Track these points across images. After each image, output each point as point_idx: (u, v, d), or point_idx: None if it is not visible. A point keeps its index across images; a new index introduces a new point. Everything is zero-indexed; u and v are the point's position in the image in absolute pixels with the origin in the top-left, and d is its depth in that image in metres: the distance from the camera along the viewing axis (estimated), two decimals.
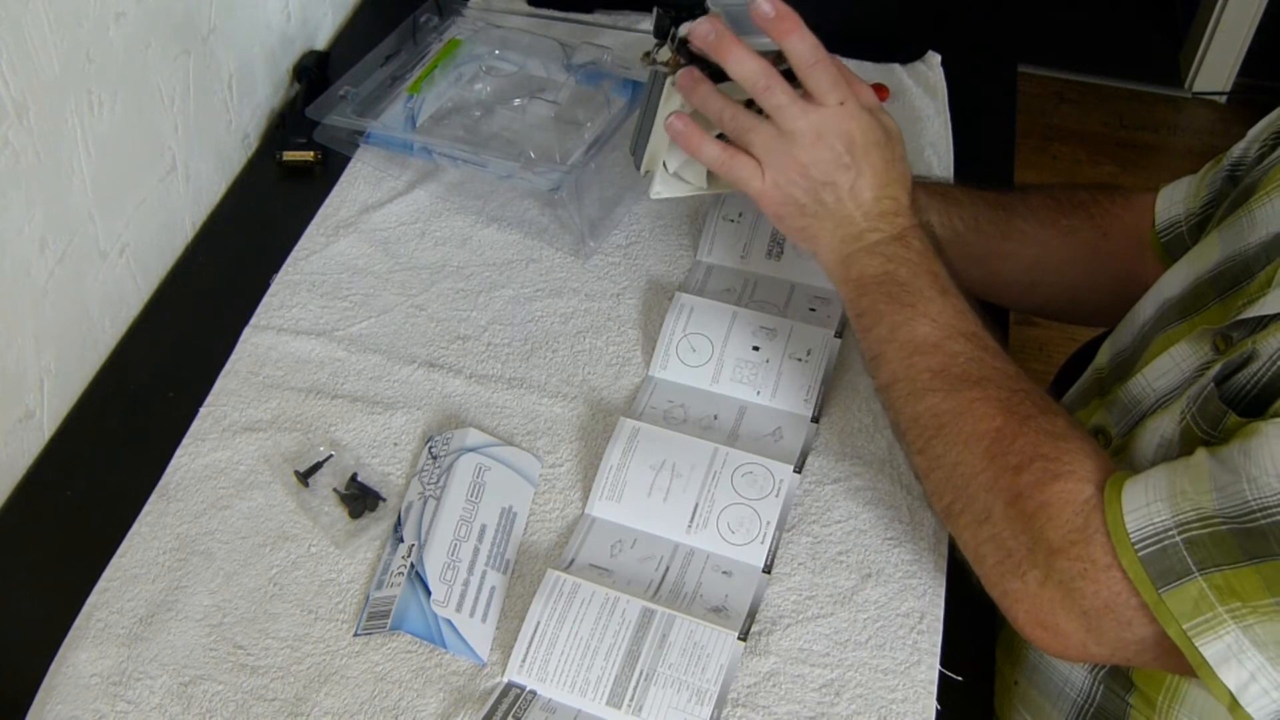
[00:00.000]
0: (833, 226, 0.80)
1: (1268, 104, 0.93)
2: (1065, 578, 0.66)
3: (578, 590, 0.78)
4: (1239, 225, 0.78)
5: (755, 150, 0.79)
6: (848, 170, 0.78)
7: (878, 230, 0.79)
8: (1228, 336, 0.73)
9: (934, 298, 0.77)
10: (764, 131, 0.78)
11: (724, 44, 0.76)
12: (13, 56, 0.80)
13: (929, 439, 0.74)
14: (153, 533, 0.84)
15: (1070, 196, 0.97)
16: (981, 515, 0.71)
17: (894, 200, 0.79)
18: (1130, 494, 0.66)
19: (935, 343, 0.75)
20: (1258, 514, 0.60)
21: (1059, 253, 0.96)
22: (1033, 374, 0.75)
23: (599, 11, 1.28)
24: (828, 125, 0.77)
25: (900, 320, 0.77)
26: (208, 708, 0.75)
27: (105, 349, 0.98)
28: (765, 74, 0.76)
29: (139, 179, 0.99)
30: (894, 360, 0.77)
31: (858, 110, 0.78)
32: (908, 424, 0.76)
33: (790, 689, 0.76)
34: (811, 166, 0.78)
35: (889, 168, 0.79)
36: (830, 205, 0.79)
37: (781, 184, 0.79)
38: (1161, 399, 0.78)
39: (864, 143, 0.78)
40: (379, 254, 1.04)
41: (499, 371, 0.95)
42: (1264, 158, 0.84)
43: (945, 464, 0.73)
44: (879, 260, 0.78)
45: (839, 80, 0.77)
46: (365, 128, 1.07)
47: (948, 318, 0.76)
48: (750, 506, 0.84)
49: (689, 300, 0.97)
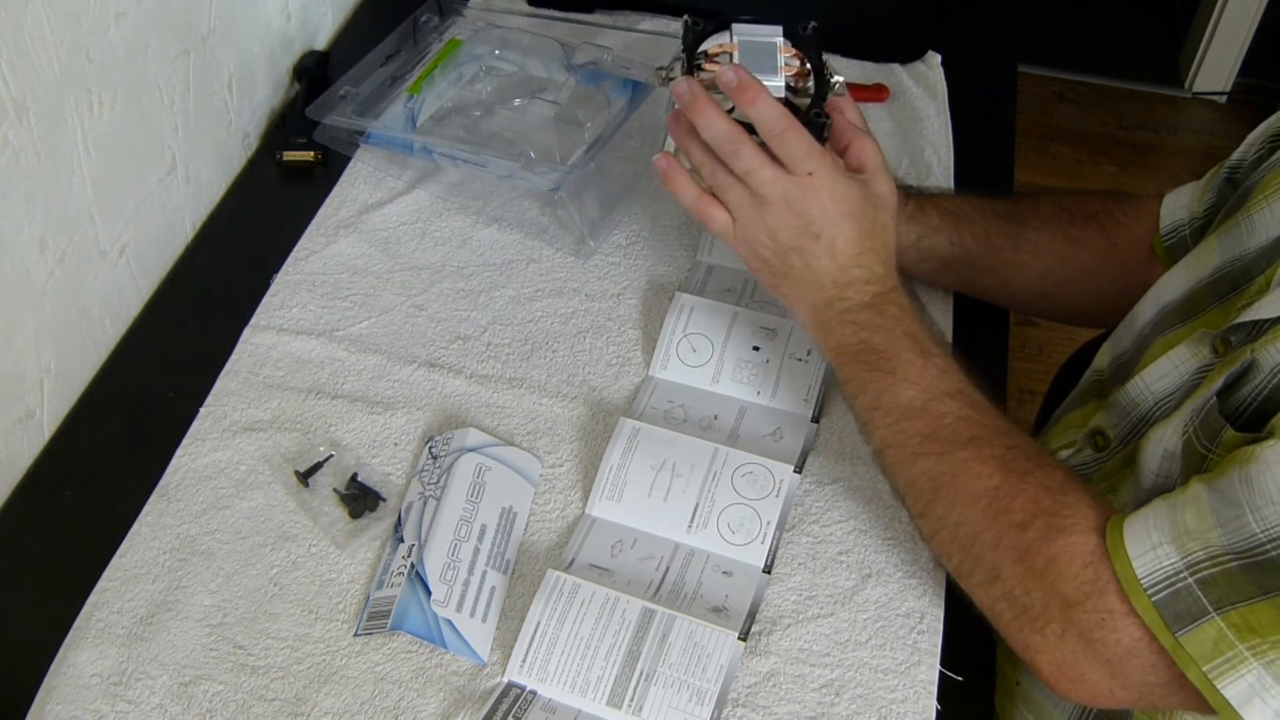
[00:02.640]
0: (803, 291, 0.80)
1: (1268, 104, 0.93)
2: (1084, 629, 0.66)
3: (578, 590, 0.78)
4: (1237, 229, 0.78)
5: (728, 206, 0.79)
6: (815, 240, 0.77)
7: (847, 298, 0.78)
8: (1227, 340, 0.73)
9: (913, 360, 0.76)
10: (736, 191, 0.78)
11: (696, 105, 0.77)
12: (13, 56, 0.80)
13: (928, 502, 0.74)
14: (153, 533, 0.84)
15: (1081, 206, 0.97)
16: (991, 574, 0.70)
17: (865, 269, 0.78)
18: (1133, 536, 0.65)
19: (921, 406, 0.75)
20: (1267, 545, 0.60)
21: (1069, 263, 0.96)
22: (1032, 373, 0.76)
23: (599, 11, 1.28)
24: (794, 194, 0.77)
25: (883, 388, 0.76)
26: (208, 708, 0.75)
27: (105, 349, 0.98)
28: (732, 138, 0.76)
29: (139, 179, 0.99)
30: (882, 427, 0.77)
31: (831, 179, 0.77)
32: (905, 488, 0.76)
33: (790, 689, 0.76)
34: (779, 231, 0.78)
35: (862, 237, 0.78)
36: (798, 270, 0.79)
37: (751, 243, 0.79)
38: (1160, 401, 0.78)
39: (835, 212, 0.77)
40: (379, 254, 1.04)
41: (499, 371, 0.95)
42: (1261, 161, 0.84)
43: (948, 525, 0.73)
44: (851, 329, 0.78)
45: (810, 149, 0.76)
46: (365, 128, 1.07)
47: (930, 379, 0.75)
48: (750, 506, 0.84)
49: (689, 300, 0.97)
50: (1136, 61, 2.85)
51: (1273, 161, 0.79)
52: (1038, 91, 2.77)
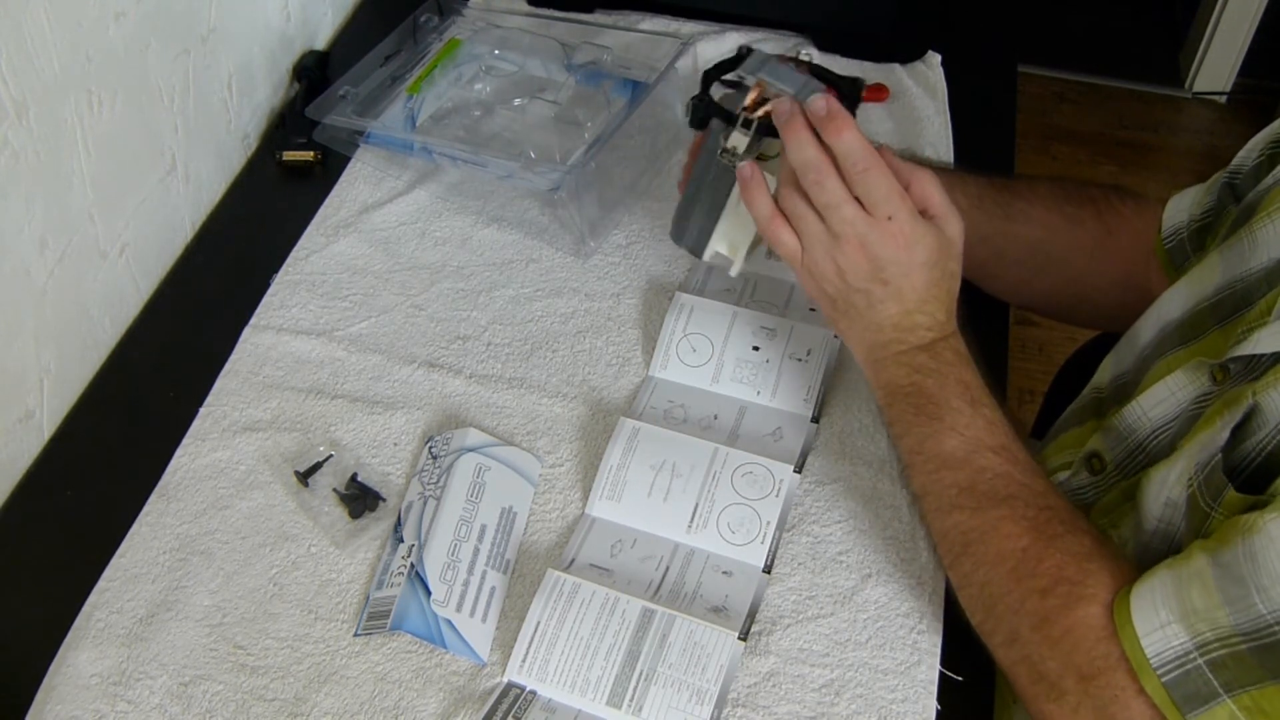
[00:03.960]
0: (861, 329, 0.79)
1: (1267, 104, 0.93)
2: (1099, 703, 0.65)
3: (578, 590, 0.78)
4: (1240, 247, 0.77)
5: (800, 235, 0.78)
6: (884, 285, 0.77)
7: (905, 341, 0.78)
8: (1225, 368, 0.72)
9: (962, 409, 0.75)
10: (812, 223, 0.77)
11: (792, 126, 0.76)
12: (13, 56, 0.80)
13: (957, 555, 0.74)
14: (153, 533, 0.84)
15: (1080, 190, 0.97)
16: (1011, 636, 0.70)
17: (929, 316, 0.78)
18: (1141, 614, 0.65)
19: (963, 458, 0.74)
20: (1275, 627, 0.59)
21: (1062, 239, 0.95)
22: (1032, 374, 0.75)
23: (599, 11, 1.28)
24: (872, 237, 0.75)
25: (927, 433, 0.76)
26: (208, 708, 0.75)
27: (105, 349, 0.98)
28: (819, 168, 0.75)
29: (139, 179, 0.99)
30: (922, 473, 0.76)
31: (909, 225, 0.75)
32: (938, 538, 0.76)
33: (790, 689, 0.76)
34: (848, 272, 0.77)
35: (930, 286, 0.77)
36: (861, 309, 0.78)
37: (816, 276, 0.78)
38: (1157, 430, 0.77)
39: (908, 262, 0.76)
40: (379, 254, 1.04)
41: (499, 371, 0.95)
42: (1261, 167, 0.83)
43: (974, 582, 0.73)
44: (905, 370, 0.77)
45: (891, 191, 0.75)
46: (365, 128, 1.07)
47: (976, 431, 0.75)
48: (750, 506, 0.84)
49: (689, 300, 0.97)
50: (1136, 61, 2.85)
51: (1277, 175, 0.78)
52: (1038, 91, 2.77)
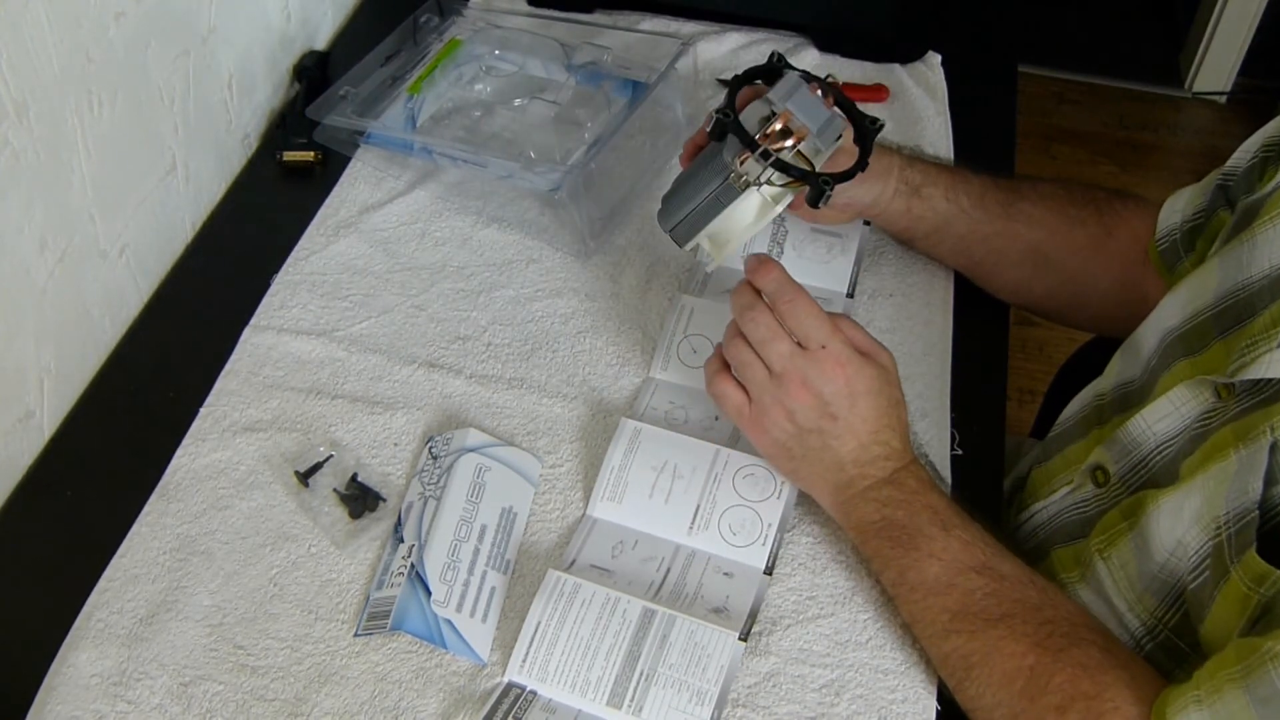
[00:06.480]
0: (822, 471, 0.79)
1: (1268, 104, 0.93)
2: None
3: (578, 590, 0.78)
4: (1239, 253, 0.77)
5: (748, 387, 0.79)
6: (834, 420, 0.77)
7: (868, 475, 0.78)
8: (1230, 387, 0.72)
9: (936, 535, 0.75)
10: (757, 369, 0.78)
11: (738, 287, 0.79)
12: (13, 56, 0.80)
13: (961, 679, 0.73)
14: (153, 533, 0.84)
15: (1082, 192, 0.97)
16: None
17: (884, 445, 0.78)
18: None
19: (948, 582, 0.74)
20: None
21: (1062, 239, 0.95)
22: (1033, 374, 0.75)
23: (599, 12, 1.28)
24: (812, 372, 0.76)
25: (908, 563, 0.76)
26: (208, 708, 0.75)
27: (105, 349, 0.98)
28: (752, 305, 0.77)
29: (139, 179, 0.99)
30: (909, 603, 0.76)
31: (844, 353, 0.77)
32: (939, 663, 0.76)
33: (790, 689, 0.76)
34: (797, 413, 0.77)
35: (880, 415, 0.78)
36: (817, 450, 0.78)
37: (767, 426, 0.79)
38: (1161, 444, 0.77)
39: (850, 392, 0.77)
40: (379, 254, 1.04)
41: (499, 371, 0.95)
42: (1254, 169, 0.83)
43: (984, 705, 0.72)
44: (874, 506, 0.78)
45: (821, 321, 0.76)
46: (365, 128, 1.07)
47: (954, 553, 0.75)
48: (751, 508, 0.83)
49: (690, 301, 0.97)
50: (1136, 61, 2.85)
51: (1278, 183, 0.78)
52: (1038, 91, 2.77)
